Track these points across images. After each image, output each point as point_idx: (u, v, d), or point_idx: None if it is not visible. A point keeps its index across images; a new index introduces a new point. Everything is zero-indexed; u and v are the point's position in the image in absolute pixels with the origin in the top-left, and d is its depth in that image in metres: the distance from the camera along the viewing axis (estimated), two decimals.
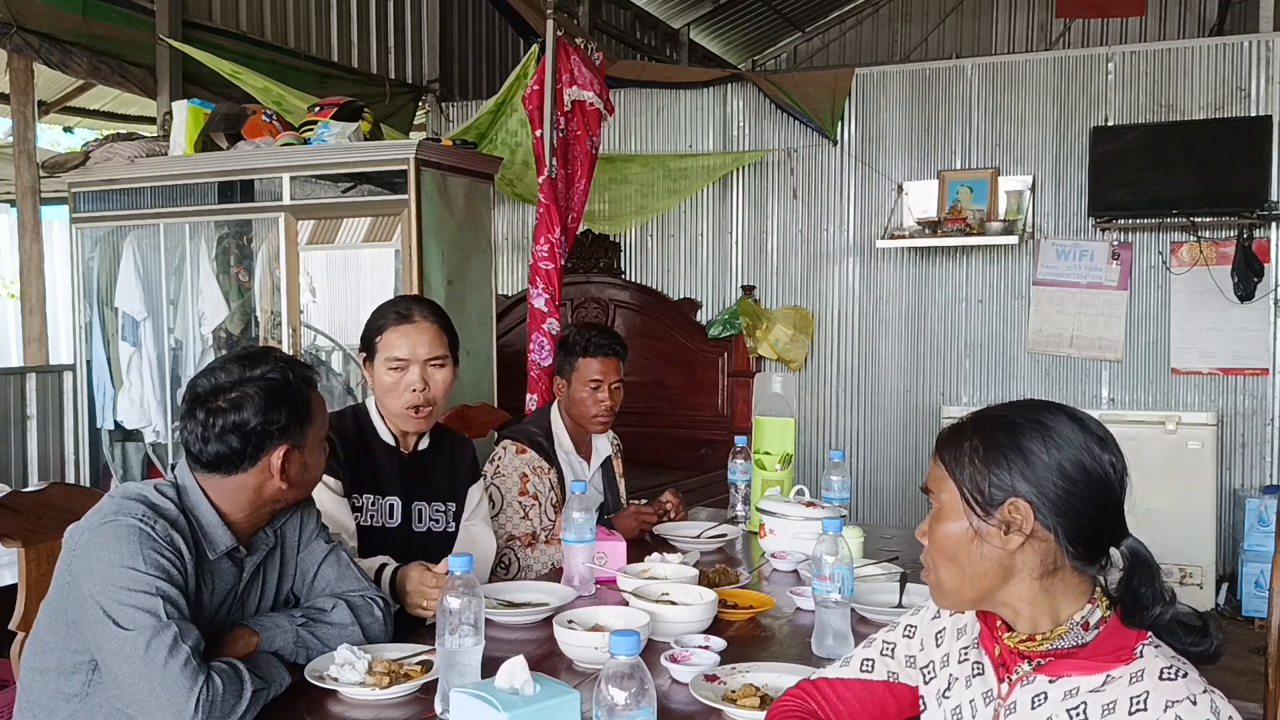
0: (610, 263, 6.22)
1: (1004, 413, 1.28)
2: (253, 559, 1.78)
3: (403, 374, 2.26)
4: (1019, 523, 1.22)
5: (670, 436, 5.85)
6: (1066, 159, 5.35)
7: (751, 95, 5.96)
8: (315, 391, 1.81)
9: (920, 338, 5.66)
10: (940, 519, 1.28)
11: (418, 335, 2.28)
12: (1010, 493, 1.22)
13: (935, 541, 1.29)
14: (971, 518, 1.25)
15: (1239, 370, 5.11)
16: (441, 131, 6.38)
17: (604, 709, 1.24)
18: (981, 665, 1.33)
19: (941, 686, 1.38)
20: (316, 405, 1.80)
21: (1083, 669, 1.21)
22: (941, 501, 1.28)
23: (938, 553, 1.29)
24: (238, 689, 1.55)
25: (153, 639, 1.50)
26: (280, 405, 1.71)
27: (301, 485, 1.79)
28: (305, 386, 1.77)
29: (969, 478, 1.25)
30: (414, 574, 2.03)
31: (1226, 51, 5.13)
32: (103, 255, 4.58)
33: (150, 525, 1.59)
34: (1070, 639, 1.24)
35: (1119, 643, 1.21)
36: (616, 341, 3.00)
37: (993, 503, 1.23)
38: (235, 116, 4.19)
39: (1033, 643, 1.25)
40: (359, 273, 4.26)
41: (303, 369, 1.80)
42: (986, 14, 9.64)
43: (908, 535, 3.47)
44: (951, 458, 1.28)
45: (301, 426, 1.74)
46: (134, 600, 1.52)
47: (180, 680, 1.50)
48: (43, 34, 4.54)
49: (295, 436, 1.73)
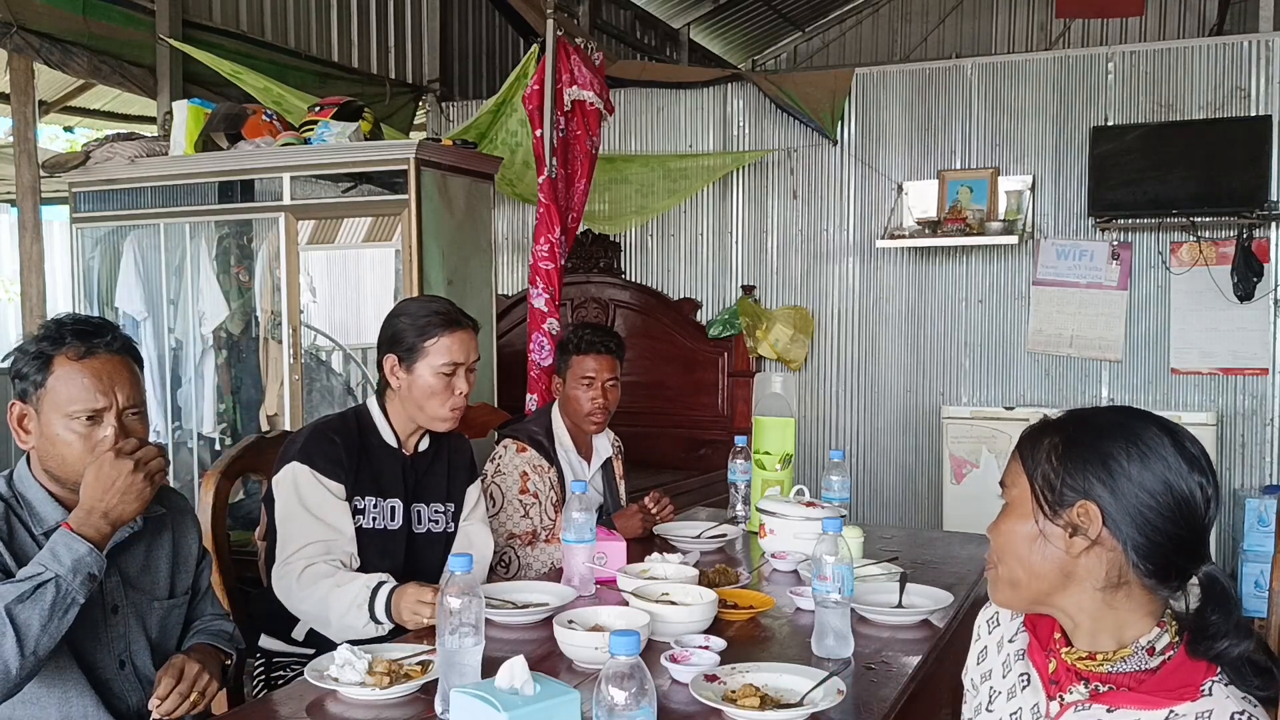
0: (610, 263, 6.22)
1: (1093, 415, 1.24)
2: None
3: (451, 379, 2.29)
4: (1085, 527, 1.18)
5: (670, 436, 5.85)
6: (1066, 159, 5.35)
7: (751, 95, 5.96)
8: (66, 356, 1.69)
9: (920, 338, 5.66)
10: (1008, 513, 1.26)
11: (469, 340, 2.33)
12: (1082, 495, 1.19)
13: (1000, 536, 1.26)
14: (1039, 515, 1.21)
15: (1239, 370, 5.11)
16: (441, 131, 6.37)
17: (604, 709, 1.24)
18: (1028, 677, 1.29)
19: (983, 700, 1.35)
20: (60, 370, 1.68)
21: (1144, 703, 1.15)
22: (1012, 496, 1.26)
23: (1001, 547, 1.26)
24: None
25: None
26: (22, 355, 1.71)
27: (45, 456, 1.71)
28: (51, 346, 1.69)
29: (1042, 474, 1.22)
30: (410, 591, 2.01)
31: (1226, 51, 5.13)
32: (103, 255, 4.58)
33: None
34: (1134, 663, 1.18)
35: (1185, 677, 1.15)
36: (611, 339, 3.00)
37: (1062, 503, 1.20)
38: (235, 116, 4.19)
39: (1092, 661, 1.20)
40: (359, 273, 4.26)
41: (67, 330, 1.70)
42: (986, 14, 9.63)
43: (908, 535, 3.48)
44: (1029, 453, 1.25)
45: (35, 387, 1.69)
46: None
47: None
48: (43, 34, 4.54)
49: (29, 396, 1.70)
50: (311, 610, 2.13)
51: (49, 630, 1.54)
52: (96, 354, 1.71)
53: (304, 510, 2.19)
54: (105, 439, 1.69)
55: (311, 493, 2.20)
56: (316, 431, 2.29)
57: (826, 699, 1.59)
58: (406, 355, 2.29)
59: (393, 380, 2.32)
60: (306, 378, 4.21)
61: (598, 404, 2.93)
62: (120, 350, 1.75)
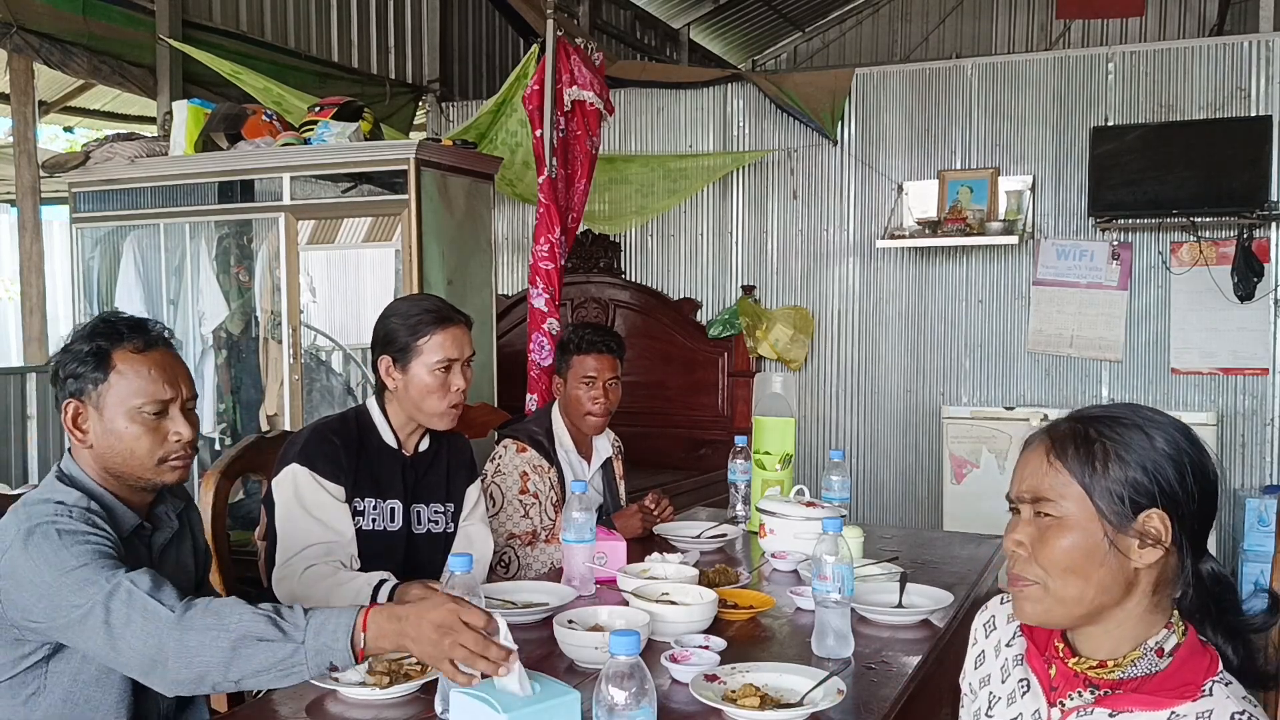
0: (610, 263, 6.22)
1: (1122, 414, 1.20)
2: (158, 538, 1.77)
3: (448, 374, 2.28)
4: (1160, 534, 1.15)
5: (670, 436, 5.85)
6: (1066, 159, 5.35)
7: (751, 95, 5.96)
8: (127, 351, 1.67)
9: (920, 338, 5.66)
10: (1063, 530, 1.18)
11: (461, 335, 2.32)
12: (1150, 502, 1.15)
13: (1055, 553, 1.18)
14: (1105, 528, 1.16)
15: (1239, 370, 5.11)
16: (441, 131, 6.37)
17: (604, 709, 1.24)
18: (1028, 682, 1.28)
19: (982, 706, 1.34)
20: (122, 365, 1.66)
21: (1146, 703, 1.15)
22: (1065, 511, 1.18)
23: (1053, 566, 1.19)
24: (215, 635, 1.47)
25: (111, 601, 1.48)
26: (71, 355, 1.67)
27: (109, 452, 1.68)
28: (108, 342, 1.67)
29: (1102, 487, 1.16)
30: (414, 590, 2.02)
31: (1226, 51, 5.12)
32: (103, 255, 4.58)
33: (67, 516, 1.58)
34: (1143, 666, 1.17)
35: (1188, 676, 1.15)
36: (611, 339, 3.00)
37: (1133, 512, 1.16)
38: (235, 116, 4.18)
39: (1104, 669, 1.19)
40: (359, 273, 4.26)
41: (123, 325, 1.69)
42: (986, 14, 9.63)
43: (908, 535, 3.48)
44: (1075, 464, 1.18)
45: (95, 385, 1.66)
46: (79, 587, 1.50)
47: (157, 611, 1.47)
48: (43, 34, 4.54)
49: (86, 394, 1.67)
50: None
51: (234, 679, 1.48)
52: (156, 347, 1.71)
53: (304, 512, 2.19)
54: (179, 434, 1.69)
55: (312, 495, 2.20)
56: (316, 433, 2.28)
57: (826, 699, 1.59)
58: (400, 355, 2.29)
59: (389, 381, 2.31)
60: (306, 378, 4.21)
61: (598, 404, 2.93)
62: (170, 343, 1.76)
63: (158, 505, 1.80)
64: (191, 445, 1.72)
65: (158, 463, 1.69)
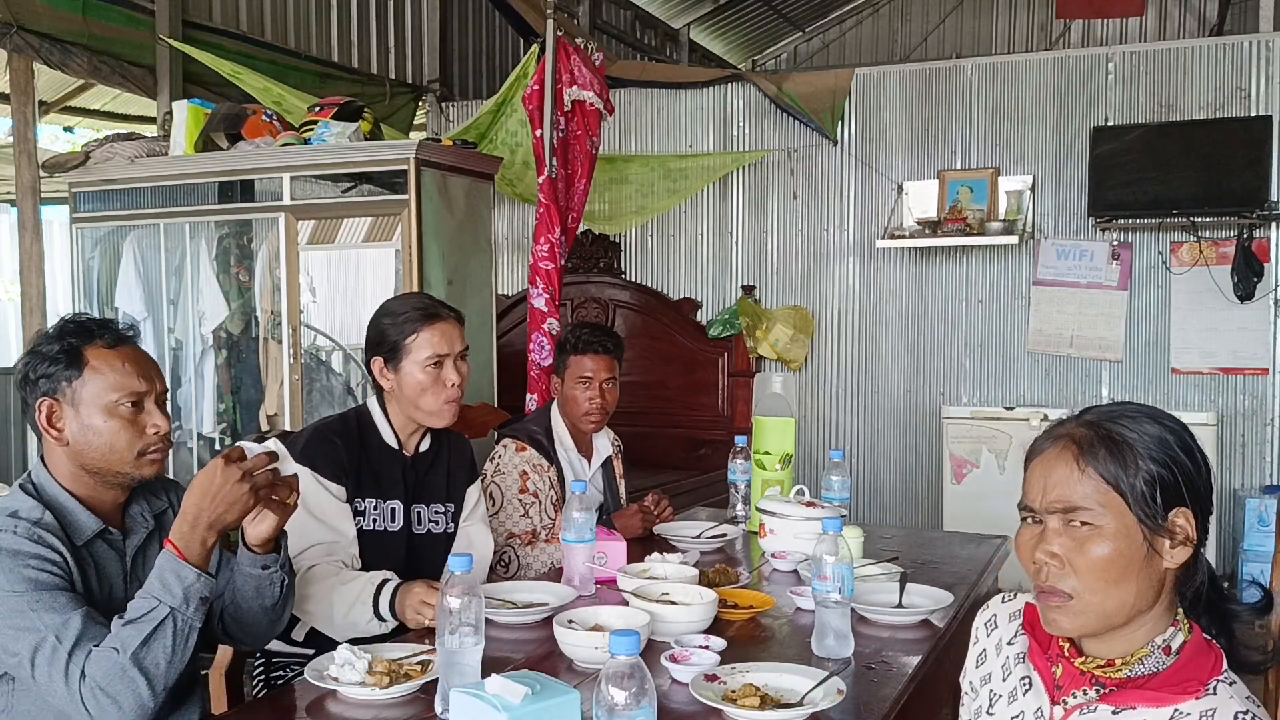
0: (610, 263, 6.22)
1: (1135, 411, 1.20)
2: (132, 540, 1.75)
3: (440, 370, 2.27)
4: (1185, 532, 1.15)
5: (670, 436, 5.85)
6: (1066, 159, 5.35)
7: (751, 95, 5.96)
8: (99, 347, 1.68)
9: (920, 338, 5.66)
10: (1102, 539, 1.15)
11: (450, 330, 2.31)
12: (1178, 500, 1.15)
13: (1093, 565, 1.16)
14: (1143, 531, 1.15)
15: (1239, 370, 5.11)
16: (441, 131, 6.37)
17: (604, 709, 1.24)
18: (1030, 680, 1.27)
19: (983, 704, 1.34)
20: (95, 361, 1.67)
21: (1150, 700, 1.14)
22: (1103, 519, 1.16)
23: (1094, 576, 1.16)
24: (119, 667, 1.51)
25: (36, 657, 1.52)
26: (41, 356, 1.67)
27: (87, 448, 1.67)
28: (79, 340, 1.67)
29: (1135, 491, 1.15)
30: (417, 590, 2.02)
31: (1226, 51, 5.13)
32: (103, 255, 4.58)
33: (12, 532, 1.58)
34: (1150, 664, 1.17)
35: (1193, 674, 1.14)
36: (609, 339, 3.00)
37: (1165, 512, 1.15)
38: (235, 116, 4.19)
39: (1111, 668, 1.18)
40: (359, 273, 4.26)
41: (92, 323, 1.70)
42: (986, 14, 9.63)
43: (908, 535, 3.48)
44: (1111, 467, 1.16)
45: (69, 381, 1.66)
46: (14, 623, 1.53)
47: (70, 692, 1.51)
48: (43, 34, 4.54)
49: (60, 391, 1.66)
50: (315, 609, 2.13)
51: (174, 664, 1.54)
52: (126, 343, 1.72)
53: (305, 513, 2.18)
54: (157, 426, 1.70)
55: (313, 496, 2.19)
56: (317, 433, 2.28)
57: (826, 699, 1.59)
58: (391, 355, 2.29)
59: (383, 382, 2.31)
60: (306, 378, 4.21)
61: (595, 404, 2.92)
62: (137, 341, 1.77)
63: (131, 505, 1.77)
64: (168, 438, 1.73)
65: (137, 455, 1.69)
